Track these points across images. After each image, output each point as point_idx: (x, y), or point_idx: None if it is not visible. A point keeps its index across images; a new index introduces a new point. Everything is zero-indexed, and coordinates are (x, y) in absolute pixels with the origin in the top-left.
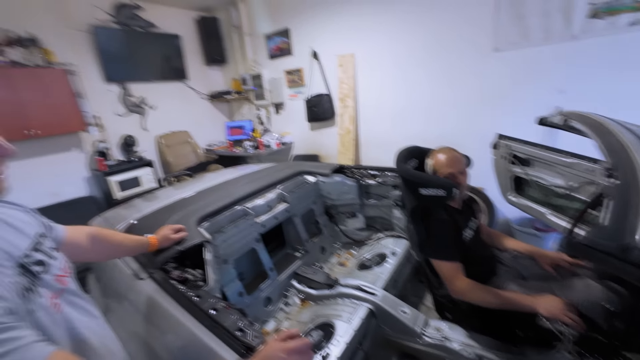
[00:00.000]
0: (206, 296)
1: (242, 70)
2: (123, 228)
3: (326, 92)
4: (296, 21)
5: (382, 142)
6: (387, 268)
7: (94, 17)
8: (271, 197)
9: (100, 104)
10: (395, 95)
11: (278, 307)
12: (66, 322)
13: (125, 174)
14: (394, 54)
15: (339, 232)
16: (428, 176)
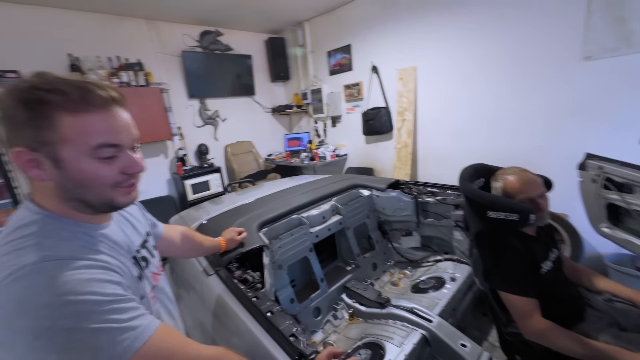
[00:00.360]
0: (264, 298)
1: (303, 86)
2: (195, 227)
3: (384, 106)
4: (358, 37)
5: (442, 158)
6: (445, 294)
7: (184, 43)
8: (325, 208)
9: (182, 117)
10: (458, 109)
11: (326, 319)
12: (156, 315)
13: (198, 178)
14: (460, 67)
15: (392, 250)
16: (499, 198)
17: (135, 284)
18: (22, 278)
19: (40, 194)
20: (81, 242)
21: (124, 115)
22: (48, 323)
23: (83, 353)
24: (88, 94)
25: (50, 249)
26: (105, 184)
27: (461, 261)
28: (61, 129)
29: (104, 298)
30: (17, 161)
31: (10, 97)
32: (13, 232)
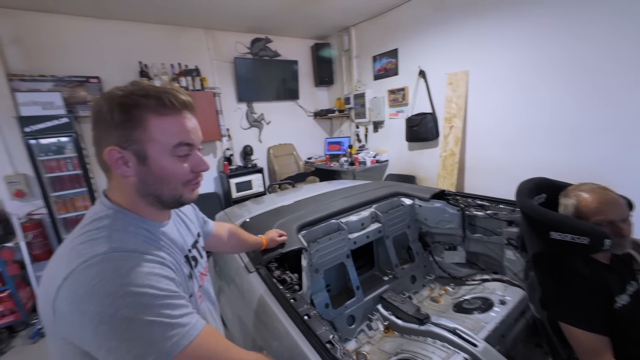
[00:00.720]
0: (301, 301)
1: (347, 91)
2: (239, 223)
3: (430, 112)
4: (406, 41)
5: (492, 168)
6: (493, 318)
7: (236, 50)
8: (365, 215)
9: (231, 119)
10: (513, 117)
11: (360, 329)
12: (202, 315)
13: (242, 177)
14: (517, 71)
15: (434, 264)
16: (568, 218)
17: (185, 282)
18: (94, 265)
19: (115, 191)
20: (143, 237)
21: (195, 120)
22: (112, 310)
23: (137, 343)
24: (173, 98)
25: (118, 240)
26: (179, 180)
27: (513, 283)
28: (150, 129)
29: (160, 292)
30: (108, 157)
31: (107, 102)
32: (90, 223)
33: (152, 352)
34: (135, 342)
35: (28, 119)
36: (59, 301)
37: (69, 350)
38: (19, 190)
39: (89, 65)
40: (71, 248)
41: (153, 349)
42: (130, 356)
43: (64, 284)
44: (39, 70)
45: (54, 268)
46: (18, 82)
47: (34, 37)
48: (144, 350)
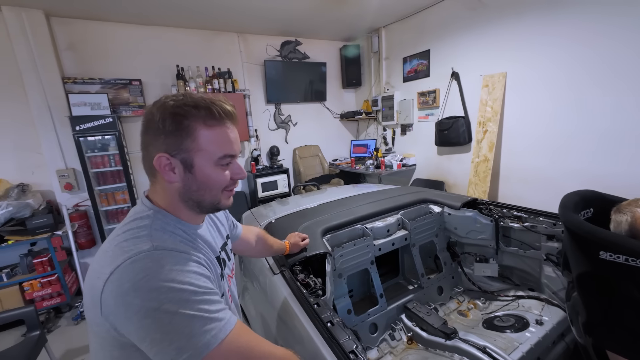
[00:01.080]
0: (324, 307)
1: (375, 93)
2: (264, 224)
3: (462, 115)
4: (438, 42)
5: (531, 177)
6: (528, 338)
7: (267, 53)
8: (391, 221)
9: (259, 120)
10: (558, 123)
11: (383, 338)
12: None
13: (268, 177)
14: (562, 73)
15: (463, 275)
16: (620, 237)
17: (218, 281)
18: (138, 262)
19: (157, 193)
20: (180, 237)
21: (236, 130)
22: (155, 304)
23: (180, 336)
24: (221, 110)
25: (158, 239)
26: (219, 187)
27: (552, 302)
28: (198, 140)
29: (198, 289)
30: (157, 164)
31: (160, 110)
32: (132, 221)
33: (192, 344)
34: (178, 335)
35: (78, 119)
36: (106, 294)
37: (110, 342)
38: (69, 183)
39: (132, 68)
40: (116, 244)
41: (194, 342)
42: (172, 348)
43: (111, 278)
44: (89, 73)
45: (99, 263)
46: (71, 84)
47: (86, 43)
48: (185, 343)
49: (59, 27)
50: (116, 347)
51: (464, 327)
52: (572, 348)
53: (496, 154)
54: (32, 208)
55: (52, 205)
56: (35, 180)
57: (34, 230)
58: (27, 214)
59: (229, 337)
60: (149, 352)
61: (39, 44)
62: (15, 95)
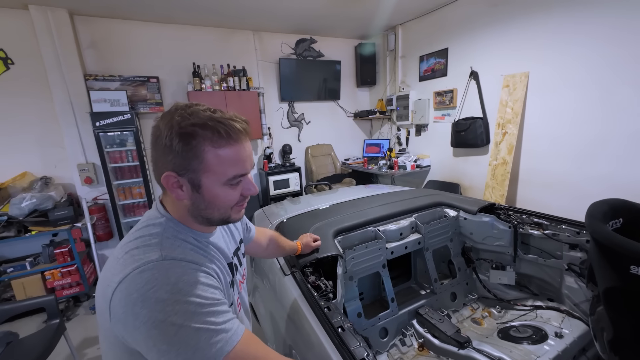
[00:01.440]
0: (335, 311)
1: (390, 92)
2: (276, 223)
3: (480, 116)
4: (457, 40)
5: (552, 182)
6: (547, 352)
7: (281, 51)
8: (404, 224)
9: (272, 118)
10: (584, 125)
11: (393, 343)
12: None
13: (280, 175)
14: (595, 72)
15: (477, 282)
16: None
17: (227, 290)
18: (147, 272)
19: (169, 203)
20: (191, 245)
21: (249, 145)
22: (163, 316)
23: (186, 348)
24: (230, 130)
25: (167, 249)
26: (228, 206)
27: (573, 315)
28: (206, 161)
29: (205, 301)
30: (165, 182)
31: (167, 128)
32: (144, 227)
33: (198, 357)
34: (184, 347)
35: (99, 115)
36: (114, 303)
37: (119, 347)
38: (89, 177)
39: (150, 66)
40: (126, 252)
41: (200, 355)
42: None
43: (119, 287)
44: (109, 70)
45: (110, 270)
46: (92, 81)
47: (106, 41)
48: (192, 355)
49: (81, 25)
50: (125, 353)
51: (477, 336)
52: None
53: (515, 157)
54: (54, 200)
55: (72, 198)
56: (57, 174)
57: (55, 221)
58: (50, 206)
59: (236, 349)
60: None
61: (63, 42)
62: (40, 92)
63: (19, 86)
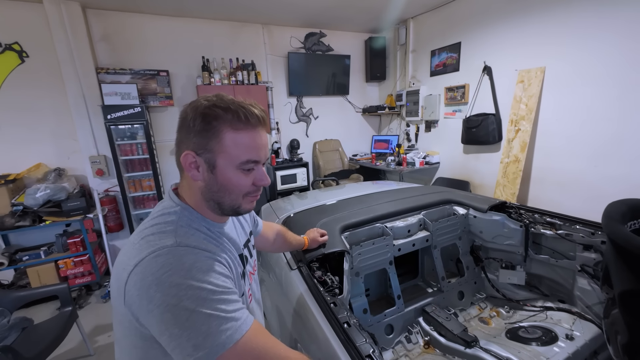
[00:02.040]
0: (341, 307)
1: (399, 87)
2: (283, 217)
3: (492, 112)
4: (470, 34)
5: (567, 181)
6: (556, 354)
7: (290, 45)
8: (412, 221)
9: (280, 113)
10: (605, 122)
11: (398, 340)
12: (250, 312)
13: (287, 170)
14: (614, 68)
15: (486, 282)
16: None
17: (239, 280)
18: (162, 256)
19: (185, 189)
20: (204, 235)
21: (265, 135)
22: (176, 301)
23: (197, 333)
24: (248, 115)
25: (182, 236)
26: (240, 192)
27: (585, 317)
28: (224, 141)
29: (217, 288)
30: (184, 160)
31: (193, 110)
32: (160, 216)
33: (209, 343)
34: (195, 332)
35: (110, 108)
36: (129, 285)
37: (132, 331)
38: (100, 169)
39: (160, 59)
40: (142, 237)
41: (210, 340)
42: (190, 344)
43: (135, 270)
44: (120, 64)
45: (126, 254)
46: (104, 74)
47: (118, 34)
48: (202, 341)
49: (94, 18)
50: (138, 338)
51: (485, 336)
52: None
53: (528, 155)
54: (67, 191)
55: (85, 190)
56: (70, 165)
57: (68, 212)
58: (63, 197)
59: (244, 338)
60: (167, 346)
61: (76, 35)
62: (54, 85)
63: (33, 79)
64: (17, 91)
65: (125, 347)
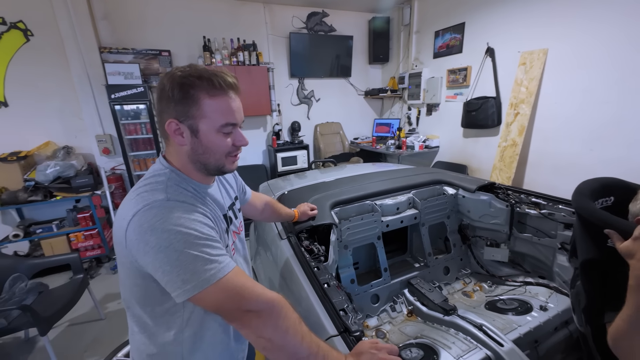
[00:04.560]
0: (324, 271)
1: (402, 69)
2: (277, 195)
3: (493, 96)
4: (475, 14)
5: (563, 165)
6: (528, 322)
7: (292, 25)
8: (401, 199)
9: (282, 95)
10: (602, 107)
11: (383, 308)
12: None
13: (288, 152)
14: (614, 50)
15: (472, 258)
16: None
17: (222, 234)
18: (154, 208)
19: (172, 155)
20: (191, 193)
21: (239, 100)
22: (167, 243)
23: (184, 270)
24: (222, 81)
25: (171, 193)
26: (223, 152)
27: (561, 291)
28: (202, 108)
29: (202, 235)
30: (168, 128)
31: (169, 81)
32: (151, 177)
33: (195, 278)
34: (184, 269)
35: (114, 87)
36: (129, 232)
37: (133, 272)
38: (106, 147)
39: (162, 39)
40: (137, 194)
41: (196, 277)
42: (179, 279)
43: (133, 219)
44: (122, 43)
45: (125, 208)
46: (107, 54)
47: (120, 12)
48: (190, 277)
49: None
50: (138, 276)
51: (465, 307)
52: (575, 337)
53: (526, 139)
54: (76, 169)
55: (92, 167)
56: (78, 144)
57: (77, 188)
58: (72, 174)
59: (226, 277)
60: (161, 281)
61: (77, 13)
62: (59, 64)
63: (39, 58)
64: (24, 69)
65: (128, 286)
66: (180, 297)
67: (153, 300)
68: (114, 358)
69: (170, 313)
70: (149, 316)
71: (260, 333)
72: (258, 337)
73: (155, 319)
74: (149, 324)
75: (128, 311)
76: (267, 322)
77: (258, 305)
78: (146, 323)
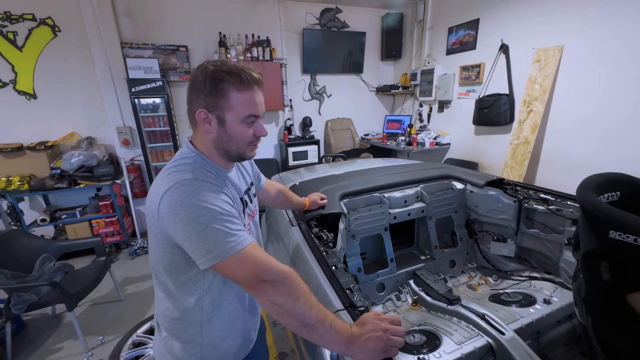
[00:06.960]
0: (332, 255)
1: (415, 66)
2: (290, 186)
3: (506, 93)
4: (489, 10)
5: (576, 165)
6: (531, 314)
7: (306, 21)
8: (409, 193)
9: (294, 90)
10: (618, 105)
11: (389, 297)
12: None
13: (299, 147)
14: (630, 48)
15: (478, 253)
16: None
17: (240, 214)
18: (183, 186)
19: (198, 141)
20: (214, 175)
21: (262, 94)
22: (193, 217)
23: (209, 241)
24: (249, 77)
25: (198, 173)
26: (245, 141)
27: (566, 286)
28: (230, 100)
29: (224, 211)
30: (198, 117)
31: (202, 73)
32: (180, 159)
33: (218, 248)
34: (208, 240)
35: (134, 81)
36: (162, 205)
37: (164, 241)
38: (126, 139)
39: (180, 35)
40: (168, 174)
41: (218, 247)
42: (204, 248)
43: (165, 195)
44: (143, 39)
45: (157, 185)
46: (128, 49)
47: (141, 10)
48: (213, 246)
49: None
50: (168, 245)
51: (470, 299)
52: (579, 331)
53: (539, 137)
54: (98, 158)
55: (113, 158)
56: (99, 135)
57: (99, 177)
58: (94, 163)
59: (245, 250)
60: (188, 250)
61: (102, 10)
62: (84, 59)
63: (65, 53)
64: (52, 64)
65: (158, 254)
66: (204, 265)
67: (178, 268)
68: (133, 334)
69: (193, 281)
70: (174, 283)
71: (273, 300)
72: (272, 304)
73: (179, 287)
74: (173, 290)
75: (155, 278)
76: (280, 290)
77: (272, 275)
78: (170, 290)
